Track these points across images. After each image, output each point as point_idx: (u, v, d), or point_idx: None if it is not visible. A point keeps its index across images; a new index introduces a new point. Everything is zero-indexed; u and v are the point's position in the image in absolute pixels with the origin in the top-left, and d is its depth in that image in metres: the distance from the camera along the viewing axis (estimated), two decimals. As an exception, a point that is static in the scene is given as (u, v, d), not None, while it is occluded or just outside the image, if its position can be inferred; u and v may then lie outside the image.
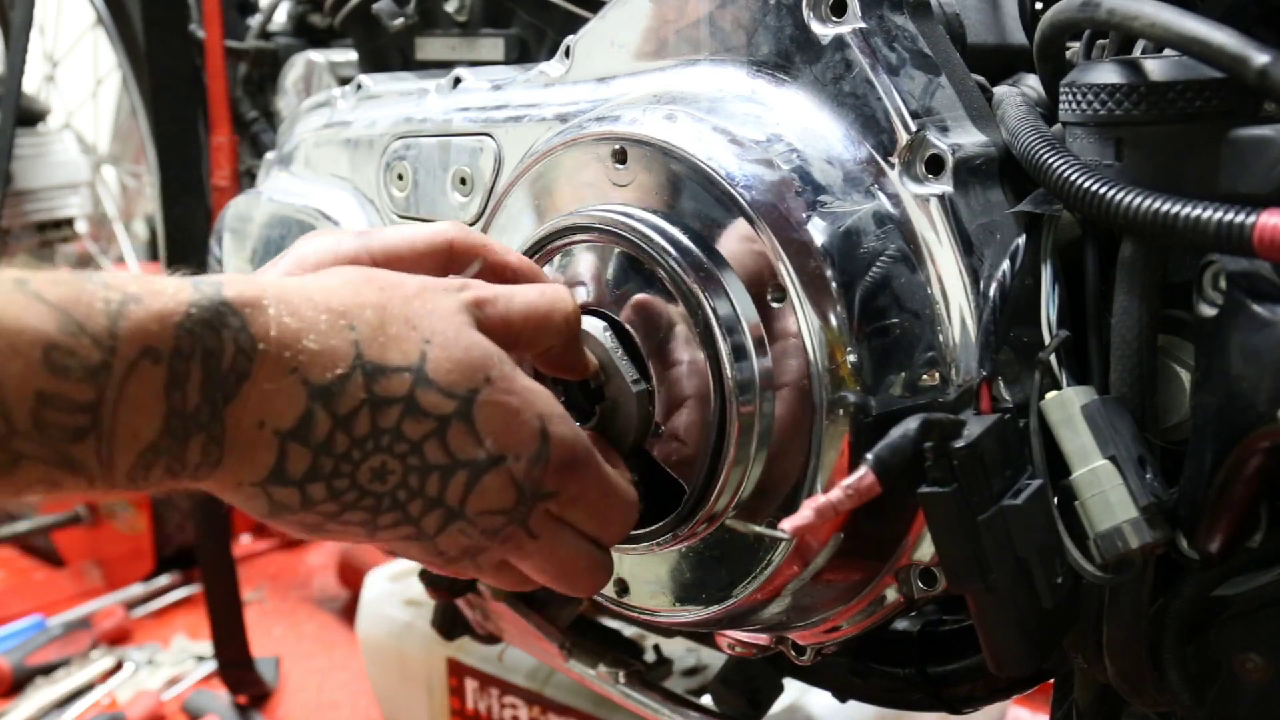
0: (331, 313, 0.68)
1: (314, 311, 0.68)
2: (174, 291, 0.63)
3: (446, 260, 0.80)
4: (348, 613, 2.31)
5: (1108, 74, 0.74)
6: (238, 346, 0.64)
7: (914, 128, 0.80)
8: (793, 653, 0.93)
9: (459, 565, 0.76)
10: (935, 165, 0.79)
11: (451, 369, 0.70)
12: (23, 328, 0.59)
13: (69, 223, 2.56)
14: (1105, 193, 0.71)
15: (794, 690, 1.45)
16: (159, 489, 0.66)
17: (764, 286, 0.80)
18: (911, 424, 0.72)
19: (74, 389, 0.60)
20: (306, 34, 1.64)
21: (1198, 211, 0.67)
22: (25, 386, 0.59)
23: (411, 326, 0.70)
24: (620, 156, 0.86)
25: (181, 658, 2.18)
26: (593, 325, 0.85)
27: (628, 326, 0.85)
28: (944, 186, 0.79)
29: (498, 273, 0.82)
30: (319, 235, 0.81)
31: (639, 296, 0.85)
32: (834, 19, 0.83)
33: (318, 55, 1.51)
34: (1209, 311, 0.70)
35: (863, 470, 0.72)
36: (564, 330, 0.78)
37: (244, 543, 2.64)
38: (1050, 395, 0.76)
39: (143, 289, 0.63)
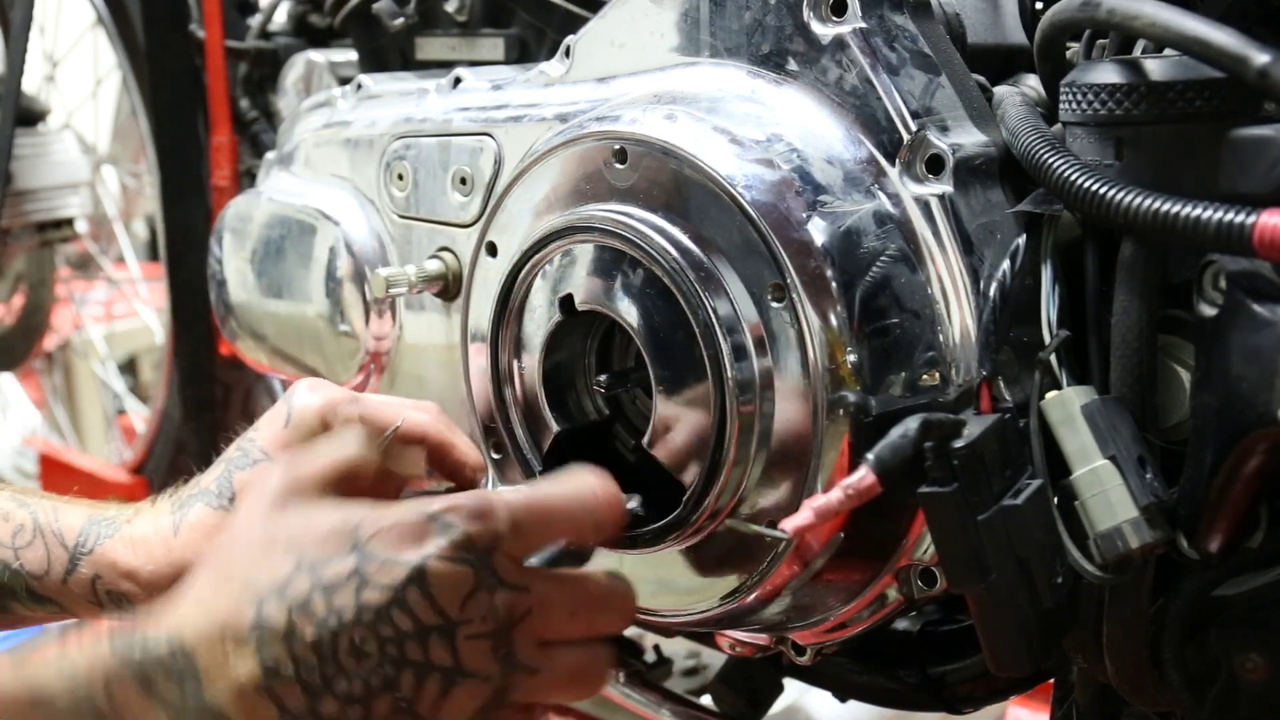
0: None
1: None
2: None
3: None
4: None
5: (1108, 74, 0.74)
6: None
7: (914, 128, 0.80)
8: (793, 653, 0.93)
9: None
10: (935, 165, 0.79)
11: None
12: None
13: (69, 223, 2.55)
14: (1105, 193, 0.71)
15: (794, 690, 1.45)
16: None
17: (764, 286, 0.80)
18: (911, 424, 0.72)
19: None
20: (306, 34, 1.64)
21: (1198, 211, 0.67)
22: None
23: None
24: (620, 156, 0.86)
25: (181, 658, 2.17)
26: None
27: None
28: (944, 186, 0.79)
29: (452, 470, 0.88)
30: (313, 390, 0.87)
31: (638, 296, 0.85)
32: (834, 19, 0.83)
33: (318, 55, 1.50)
34: (1209, 311, 0.70)
35: (863, 470, 0.72)
36: None
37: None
38: (1050, 395, 0.76)
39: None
